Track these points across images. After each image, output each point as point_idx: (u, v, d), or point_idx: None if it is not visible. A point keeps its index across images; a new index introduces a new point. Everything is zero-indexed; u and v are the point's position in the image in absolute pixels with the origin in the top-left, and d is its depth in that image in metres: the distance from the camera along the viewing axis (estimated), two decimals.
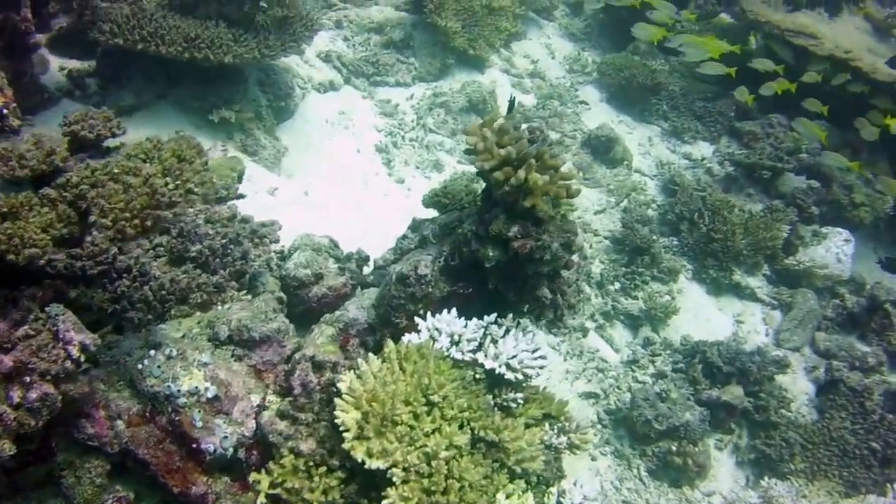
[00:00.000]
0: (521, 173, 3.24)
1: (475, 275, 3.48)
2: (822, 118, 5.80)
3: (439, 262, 3.68)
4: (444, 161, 5.74)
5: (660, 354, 4.96)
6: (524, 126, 4.89)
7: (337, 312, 3.86)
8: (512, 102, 4.76)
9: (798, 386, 5.08)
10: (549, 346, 4.85)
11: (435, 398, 2.96)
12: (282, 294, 3.76)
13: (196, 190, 2.69)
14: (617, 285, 5.28)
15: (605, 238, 5.55)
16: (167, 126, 4.91)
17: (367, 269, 4.05)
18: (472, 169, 3.61)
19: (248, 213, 3.82)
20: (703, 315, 5.34)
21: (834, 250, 5.94)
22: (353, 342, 3.92)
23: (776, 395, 4.84)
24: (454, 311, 3.47)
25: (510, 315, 3.32)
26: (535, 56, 6.95)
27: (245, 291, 3.70)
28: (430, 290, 3.62)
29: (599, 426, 4.65)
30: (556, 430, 3.12)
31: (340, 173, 5.45)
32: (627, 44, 7.05)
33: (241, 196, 4.04)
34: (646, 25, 5.41)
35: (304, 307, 3.83)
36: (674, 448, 4.51)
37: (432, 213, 4.07)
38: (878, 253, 6.97)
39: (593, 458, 4.49)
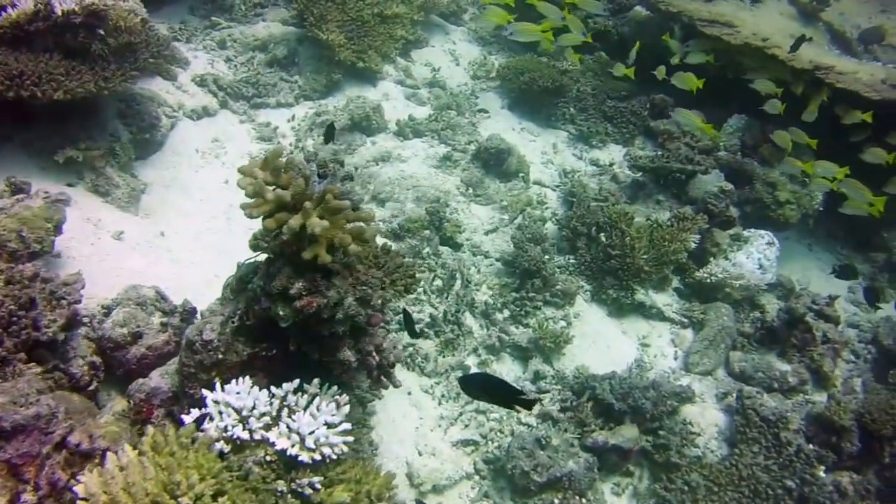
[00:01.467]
0: (295, 220, 2.69)
1: (279, 334, 2.96)
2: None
3: (233, 322, 3.14)
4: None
5: (548, 391, 4.37)
6: (328, 154, 4.32)
7: (140, 380, 3.38)
8: (330, 130, 4.21)
9: (707, 417, 4.47)
10: (422, 390, 4.29)
11: (185, 501, 2.39)
12: (95, 358, 3.30)
13: None
14: (506, 313, 4.70)
15: (497, 260, 4.96)
16: (12, 170, 4.38)
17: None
18: None
19: (77, 265, 3.32)
20: (603, 341, 4.75)
21: (756, 255, 5.33)
22: (157, 413, 3.42)
23: (678, 432, 4.24)
24: (246, 379, 2.95)
25: (315, 381, 2.77)
26: (437, 64, 6.37)
27: (38, 363, 3.21)
28: (221, 356, 3.09)
29: (477, 478, 4.07)
30: None
31: (203, 209, 4.90)
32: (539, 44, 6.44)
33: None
34: (520, 25, 4.85)
35: (123, 370, 3.36)
36: (557, 501, 3.93)
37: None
38: (813, 249, 6.35)
39: None
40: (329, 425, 2.79)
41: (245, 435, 2.75)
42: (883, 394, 4.64)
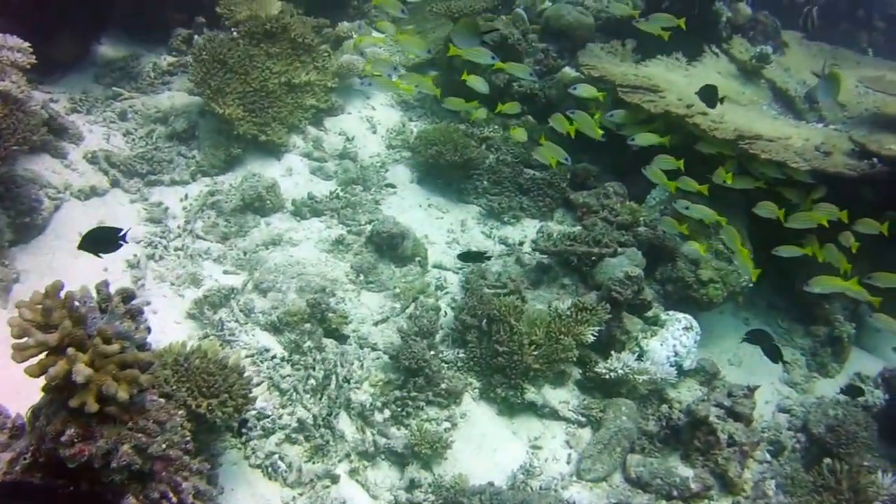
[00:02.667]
0: (57, 368, 2.44)
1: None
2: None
3: (25, 458, 2.85)
4: (207, 272, 4.85)
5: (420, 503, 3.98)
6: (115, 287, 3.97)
7: None
8: (103, 238, 3.72)
9: None
10: (282, 503, 3.91)
11: None
12: None
13: None
14: (387, 413, 4.32)
15: (385, 353, 4.59)
16: None
17: None
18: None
19: None
20: (490, 443, 4.34)
21: (671, 342, 4.91)
22: None
23: None
24: None
25: None
26: (353, 132, 6.05)
27: None
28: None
29: None
30: None
31: None
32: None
33: None
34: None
35: None
36: None
37: None
38: (751, 323, 5.90)
39: None
40: None
41: None
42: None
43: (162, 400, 2.98)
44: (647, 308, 5.02)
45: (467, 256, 4.79)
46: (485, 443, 4.34)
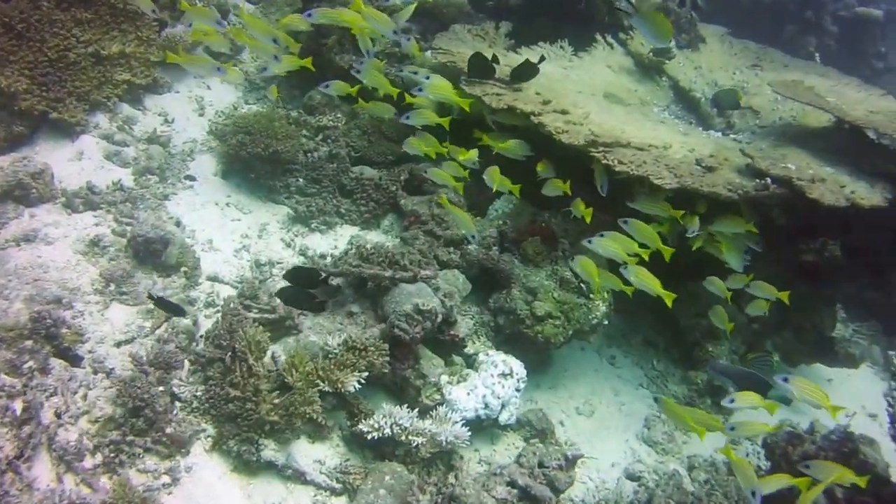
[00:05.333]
0: None
1: None
2: None
3: None
4: None
5: None
6: None
7: None
8: None
9: None
10: None
11: None
12: None
13: None
14: (98, 458, 3.37)
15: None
16: None
17: None
18: None
19: None
20: None
21: (481, 391, 3.88)
22: None
23: None
24: None
25: None
26: (176, 114, 5.05)
27: None
28: None
29: None
30: None
31: None
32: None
33: None
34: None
35: None
36: None
37: None
38: (617, 363, 4.85)
39: None
40: None
41: None
42: None
43: None
44: (459, 347, 3.99)
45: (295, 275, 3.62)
46: None
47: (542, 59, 4.43)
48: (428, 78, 4.02)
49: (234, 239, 4.35)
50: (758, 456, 4.53)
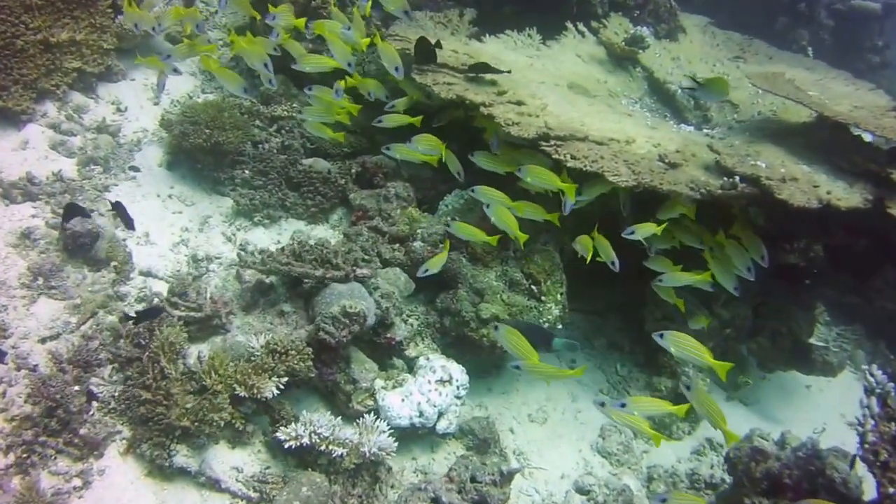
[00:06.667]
0: None
1: None
2: None
3: None
4: None
5: None
6: None
7: None
8: None
9: None
10: None
11: None
12: None
13: None
14: (10, 458, 3.19)
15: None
16: None
17: None
18: None
19: None
20: None
21: (416, 398, 3.64)
22: None
23: None
24: None
25: None
26: (129, 102, 4.84)
27: None
28: None
29: None
30: None
31: None
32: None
33: None
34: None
35: None
36: None
37: None
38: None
39: None
40: None
41: None
42: None
43: None
44: (399, 350, 3.75)
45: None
46: None
47: (439, 43, 4.17)
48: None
49: (174, 232, 4.13)
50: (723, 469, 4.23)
